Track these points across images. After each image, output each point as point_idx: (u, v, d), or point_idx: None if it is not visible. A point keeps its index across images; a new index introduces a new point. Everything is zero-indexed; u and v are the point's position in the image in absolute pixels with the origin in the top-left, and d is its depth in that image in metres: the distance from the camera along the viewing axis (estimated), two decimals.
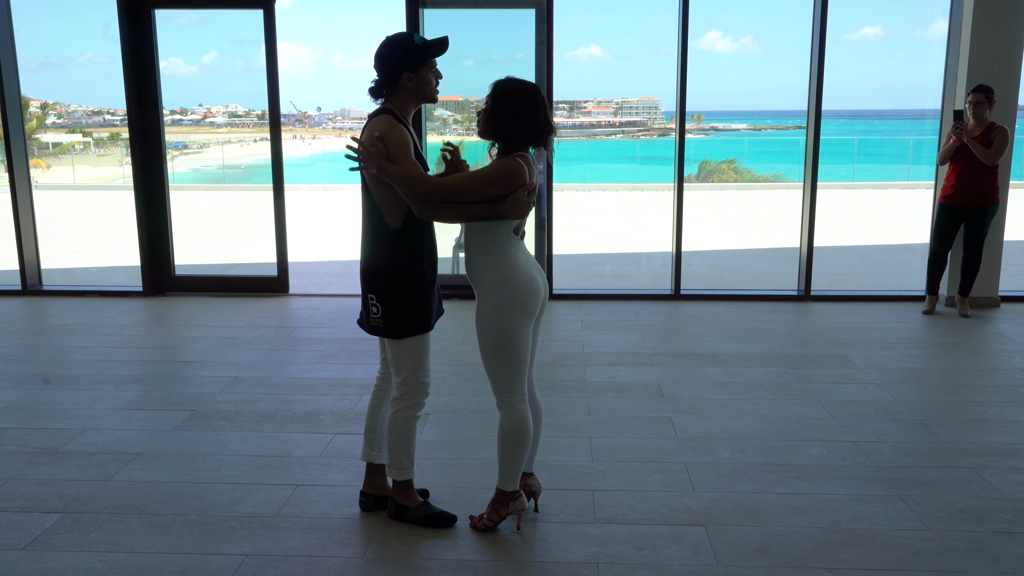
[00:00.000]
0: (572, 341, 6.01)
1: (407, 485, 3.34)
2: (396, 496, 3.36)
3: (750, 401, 4.77)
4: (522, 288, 3.06)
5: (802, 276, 7.35)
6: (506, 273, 3.06)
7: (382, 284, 3.12)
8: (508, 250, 3.08)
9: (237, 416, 4.56)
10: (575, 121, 48.74)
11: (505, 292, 3.05)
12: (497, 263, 3.07)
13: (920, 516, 3.42)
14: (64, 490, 3.67)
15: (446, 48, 3.07)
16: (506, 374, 3.11)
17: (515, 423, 3.14)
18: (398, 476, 3.32)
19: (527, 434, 3.17)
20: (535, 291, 3.10)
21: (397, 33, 3.09)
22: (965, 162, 6.51)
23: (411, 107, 3.11)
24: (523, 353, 3.11)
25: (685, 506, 3.51)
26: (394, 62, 3.01)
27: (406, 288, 3.13)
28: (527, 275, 3.09)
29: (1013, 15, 6.62)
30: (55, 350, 5.88)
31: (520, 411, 3.15)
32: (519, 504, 3.27)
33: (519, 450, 3.17)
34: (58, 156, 26.76)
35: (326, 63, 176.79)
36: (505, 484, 3.24)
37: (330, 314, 6.87)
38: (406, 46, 3.02)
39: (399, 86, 3.04)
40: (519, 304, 3.06)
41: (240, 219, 14.54)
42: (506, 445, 3.17)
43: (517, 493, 3.26)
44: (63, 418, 4.55)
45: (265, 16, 7.13)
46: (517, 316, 3.07)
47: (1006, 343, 5.99)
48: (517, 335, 3.08)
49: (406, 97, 3.07)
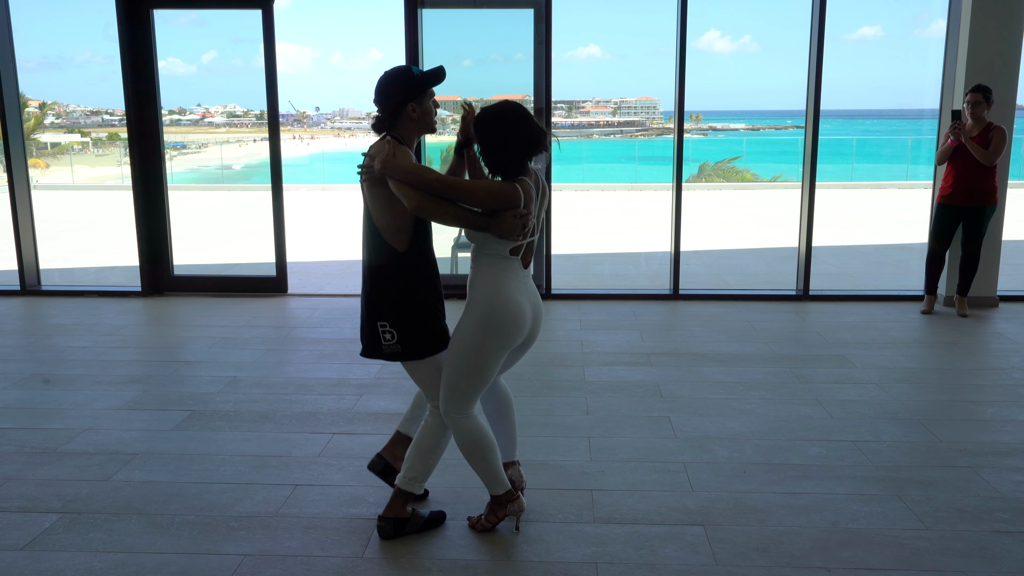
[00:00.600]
0: (571, 341, 6.02)
1: (409, 498, 3.28)
2: (394, 508, 3.26)
3: (749, 401, 4.78)
4: (505, 316, 2.99)
5: (801, 276, 7.36)
6: (492, 295, 3.00)
7: (394, 309, 3.10)
8: (502, 273, 3.02)
9: (236, 416, 4.56)
10: (573, 121, 48.74)
11: (486, 313, 3.00)
12: (487, 281, 3.03)
13: (919, 516, 3.43)
14: (63, 490, 3.67)
15: (443, 78, 3.11)
16: (460, 391, 3.06)
17: (466, 434, 3.12)
18: (410, 488, 3.24)
19: (485, 439, 3.14)
20: (518, 323, 3.03)
21: (395, 67, 3.14)
22: (963, 162, 6.51)
23: (415, 138, 3.15)
24: (484, 377, 3.06)
25: (684, 506, 3.52)
26: (398, 94, 3.06)
27: (417, 308, 3.11)
28: (514, 304, 3.01)
29: (1011, 15, 6.63)
30: (54, 350, 5.88)
31: (466, 424, 3.11)
32: (517, 505, 3.26)
33: (486, 455, 3.15)
34: (57, 156, 26.76)
35: (324, 63, 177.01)
36: (494, 489, 3.24)
37: (329, 314, 6.87)
38: (407, 77, 3.08)
39: (404, 117, 3.08)
40: (496, 331, 3.00)
41: (239, 219, 14.55)
42: (471, 457, 3.16)
43: (512, 495, 3.25)
44: (62, 418, 4.55)
45: (264, 16, 7.13)
46: (491, 342, 3.01)
47: (1005, 343, 6.00)
48: (483, 359, 3.02)
49: (410, 127, 3.11)
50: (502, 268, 3.02)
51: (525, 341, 3.17)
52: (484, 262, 3.04)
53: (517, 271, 3.05)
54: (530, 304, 3.09)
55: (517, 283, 3.04)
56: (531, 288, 3.13)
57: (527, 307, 3.06)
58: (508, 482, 3.25)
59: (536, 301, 3.15)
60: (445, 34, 7.21)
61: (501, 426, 3.40)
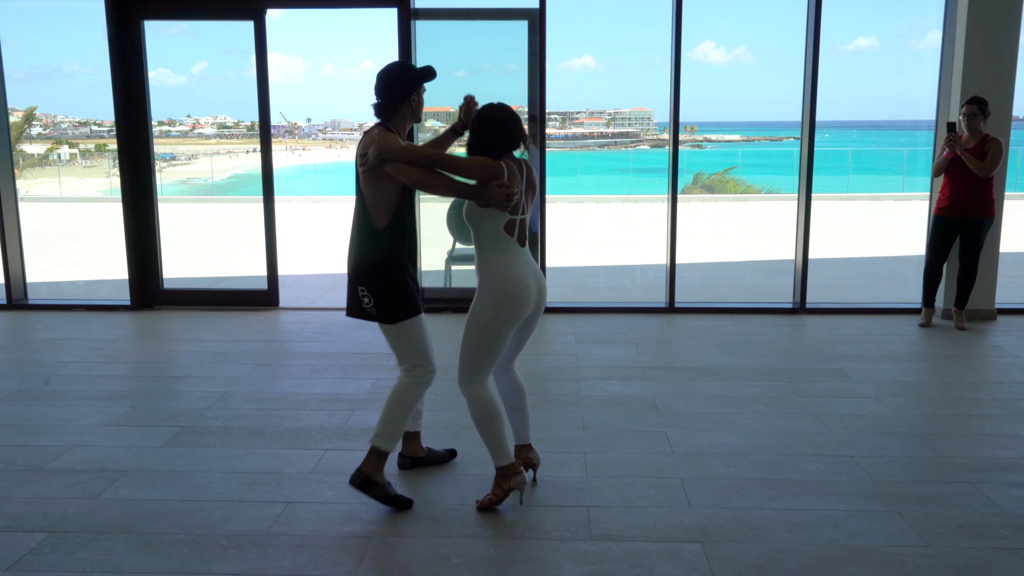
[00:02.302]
0: (566, 355, 5.96)
1: (384, 458, 3.57)
2: (369, 466, 3.55)
3: (746, 415, 4.73)
4: (511, 291, 3.39)
5: (797, 289, 7.32)
6: (499, 275, 3.40)
7: (371, 277, 3.52)
8: (504, 255, 3.41)
9: (227, 432, 4.50)
10: (567, 132, 48.80)
11: (494, 291, 3.40)
12: (492, 264, 3.42)
13: (919, 532, 3.38)
14: (50, 508, 3.60)
15: (435, 75, 3.60)
16: (475, 361, 3.46)
17: (477, 401, 3.47)
18: (383, 446, 3.55)
19: (494, 407, 3.48)
20: (523, 296, 3.41)
21: (396, 62, 3.65)
22: (959, 174, 6.49)
23: (407, 126, 3.63)
24: (497, 348, 3.45)
25: (681, 522, 3.46)
26: (402, 85, 3.54)
27: (391, 279, 3.53)
28: (518, 279, 3.40)
29: (1007, 26, 6.62)
30: (41, 365, 5.80)
31: (479, 392, 3.47)
32: (519, 479, 3.52)
33: (493, 423, 3.47)
34: (43, 167, 26.64)
35: (316, 74, 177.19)
36: (498, 459, 3.51)
37: (321, 328, 6.81)
38: (410, 71, 3.58)
39: (404, 105, 3.55)
40: (504, 305, 3.39)
41: (229, 231, 14.49)
42: (480, 423, 3.49)
43: (515, 467, 3.52)
44: (49, 435, 4.47)
45: (256, 27, 7.09)
46: (500, 315, 3.40)
47: (1003, 356, 5.97)
48: (496, 331, 3.42)
49: (404, 115, 3.58)
50: (503, 250, 3.41)
51: (532, 313, 3.55)
52: (486, 247, 3.43)
53: (516, 250, 3.44)
54: (534, 278, 3.47)
55: (519, 261, 3.43)
56: (532, 263, 3.51)
57: (531, 281, 3.45)
58: (512, 456, 3.54)
59: (538, 275, 3.52)
60: (438, 45, 7.17)
61: (518, 413, 3.76)
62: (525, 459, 3.74)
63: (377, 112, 3.58)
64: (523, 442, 3.77)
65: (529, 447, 3.77)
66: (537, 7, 6.92)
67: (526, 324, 3.60)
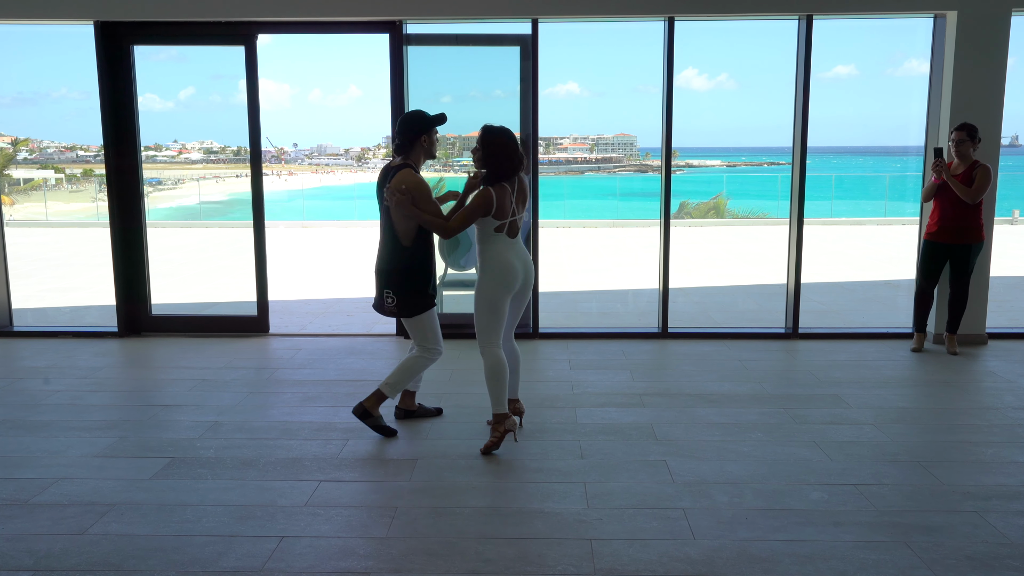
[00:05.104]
0: (561, 382, 5.90)
1: (383, 399, 4.72)
2: (370, 402, 4.71)
3: (745, 443, 4.67)
4: (501, 271, 4.44)
5: (789, 313, 7.30)
6: (492, 260, 4.44)
7: (396, 282, 4.59)
8: (496, 245, 4.44)
9: (218, 463, 4.40)
10: (551, 157, 48.96)
11: (489, 273, 4.45)
12: (487, 253, 4.45)
13: (928, 563, 3.32)
14: (35, 545, 3.49)
15: (445, 120, 4.62)
16: (486, 327, 4.49)
17: (491, 362, 4.49)
18: (387, 392, 4.70)
19: (502, 368, 4.50)
20: (512, 275, 4.47)
21: (413, 110, 4.69)
22: (948, 199, 6.51)
23: (422, 161, 4.68)
24: (499, 314, 4.48)
25: (686, 555, 3.39)
26: (415, 129, 4.58)
27: (412, 284, 4.60)
28: (507, 263, 4.45)
29: (995, 53, 6.67)
30: (26, 394, 5.68)
31: (494, 353, 4.50)
32: (510, 422, 4.56)
33: (499, 381, 4.50)
34: (29, 193, 26.44)
35: (303, 99, 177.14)
36: (496, 408, 4.53)
37: (312, 355, 6.72)
38: (422, 117, 4.62)
39: (417, 145, 4.60)
40: (499, 282, 4.45)
41: (217, 256, 14.36)
42: (490, 379, 4.50)
43: (507, 415, 4.54)
44: (34, 467, 4.36)
45: (247, 52, 7.05)
46: (497, 290, 4.45)
47: (997, 381, 5.95)
48: (495, 302, 4.47)
49: (419, 153, 4.64)
50: (495, 242, 4.44)
51: (521, 289, 4.60)
52: (485, 242, 4.45)
53: (506, 240, 4.46)
54: (520, 262, 4.52)
55: (507, 248, 4.47)
56: (521, 250, 4.55)
57: (517, 264, 4.50)
58: (506, 407, 4.55)
59: (526, 259, 4.58)
60: (430, 71, 7.15)
61: (513, 374, 4.80)
62: (513, 408, 4.81)
63: (397, 151, 4.61)
64: (513, 396, 4.84)
65: (516, 400, 4.86)
66: (529, 33, 6.91)
67: (518, 299, 4.63)
